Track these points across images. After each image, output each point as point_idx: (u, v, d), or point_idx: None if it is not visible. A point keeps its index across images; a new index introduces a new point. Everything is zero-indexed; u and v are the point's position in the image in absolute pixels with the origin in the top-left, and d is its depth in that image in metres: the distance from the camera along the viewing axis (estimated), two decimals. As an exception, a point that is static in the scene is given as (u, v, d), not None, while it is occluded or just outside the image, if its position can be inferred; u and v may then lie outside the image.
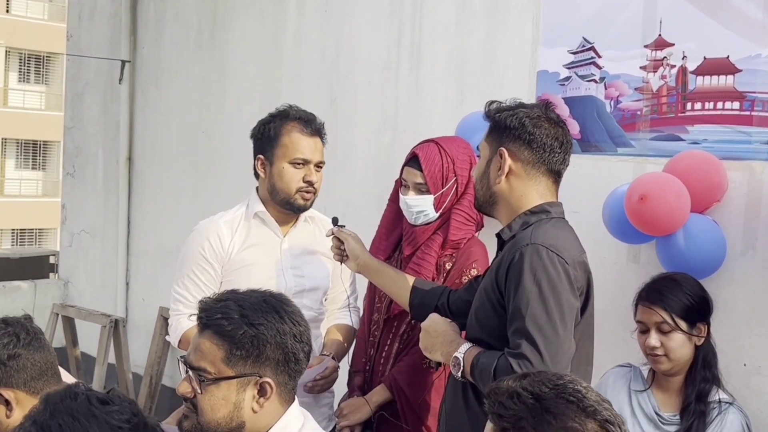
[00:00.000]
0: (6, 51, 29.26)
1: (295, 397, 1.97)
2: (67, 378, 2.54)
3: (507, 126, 2.27)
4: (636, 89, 3.27)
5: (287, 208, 2.90)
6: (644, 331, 2.64)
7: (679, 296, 2.61)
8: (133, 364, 5.40)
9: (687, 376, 2.63)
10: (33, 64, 29.64)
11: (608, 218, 3.05)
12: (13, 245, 27.42)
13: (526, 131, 2.24)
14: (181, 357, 1.92)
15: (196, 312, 1.94)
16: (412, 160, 2.86)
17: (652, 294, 2.63)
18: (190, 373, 1.86)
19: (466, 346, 2.21)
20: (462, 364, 2.18)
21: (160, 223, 5.82)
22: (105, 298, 6.22)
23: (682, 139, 3.12)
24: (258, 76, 5.07)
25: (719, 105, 3.03)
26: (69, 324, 5.51)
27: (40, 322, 5.74)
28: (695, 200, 2.81)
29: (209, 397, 1.84)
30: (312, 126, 2.91)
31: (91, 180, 6.50)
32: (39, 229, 28.62)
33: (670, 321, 2.57)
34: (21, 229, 28.73)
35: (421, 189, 2.82)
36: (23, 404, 2.16)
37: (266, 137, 2.90)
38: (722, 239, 2.83)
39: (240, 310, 1.86)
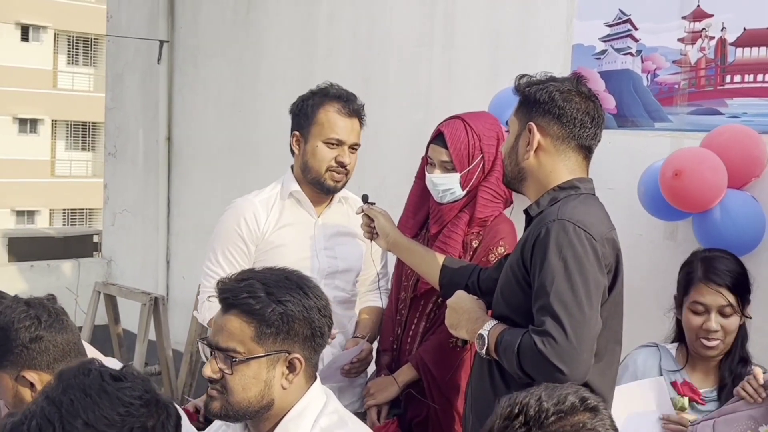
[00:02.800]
0: (55, 34, 29.69)
1: (317, 375, 1.96)
2: (91, 354, 2.57)
3: (536, 100, 2.22)
4: (673, 62, 3.19)
5: (318, 188, 2.88)
6: (700, 312, 2.51)
7: (738, 275, 2.50)
8: (174, 341, 5.46)
9: (725, 356, 2.55)
10: (81, 47, 30.05)
11: (643, 194, 2.99)
12: (64, 225, 27.93)
13: (556, 105, 2.19)
14: (203, 339, 1.91)
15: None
16: (438, 138, 2.82)
17: (717, 274, 2.49)
18: (217, 354, 1.84)
19: (491, 323, 2.18)
20: (486, 342, 2.15)
21: (199, 202, 5.86)
22: (146, 276, 6.30)
23: (720, 113, 3.04)
24: (292, 55, 5.06)
25: (759, 77, 2.94)
26: (111, 302, 5.58)
27: (83, 301, 5.88)
28: (733, 175, 2.73)
29: (240, 377, 1.83)
30: (350, 106, 2.87)
31: (131, 160, 6.57)
32: (89, 209, 29.09)
33: (735, 303, 2.47)
34: (72, 209, 29.27)
35: (447, 167, 2.78)
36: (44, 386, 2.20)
37: (303, 114, 2.88)
38: (761, 215, 2.75)
39: (265, 288, 1.84)
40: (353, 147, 2.88)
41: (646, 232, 3.27)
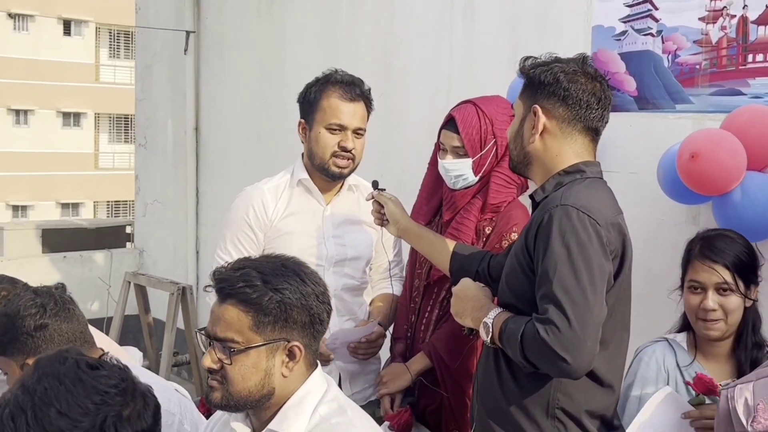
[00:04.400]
0: (96, 28, 30.06)
1: (318, 362, 1.95)
2: (109, 344, 2.58)
3: (541, 82, 2.17)
4: (695, 42, 3.11)
5: (324, 175, 2.87)
6: (698, 291, 2.43)
7: (739, 254, 2.41)
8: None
9: (736, 341, 2.46)
10: (122, 40, 30.40)
11: (663, 178, 2.93)
12: (108, 217, 28.33)
13: (561, 87, 2.14)
14: (200, 330, 1.90)
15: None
16: (449, 123, 2.78)
17: (713, 251, 2.41)
18: (215, 344, 1.83)
19: (495, 311, 2.14)
20: (491, 330, 2.11)
21: (227, 192, 5.87)
22: (177, 266, 6.35)
23: (743, 93, 2.96)
24: (315, 44, 5.05)
25: (782, 56, 2.85)
26: (141, 291, 5.64)
27: (115, 291, 5.94)
28: (753, 157, 2.66)
29: (239, 367, 1.81)
30: (354, 91, 2.84)
31: (161, 151, 6.62)
32: (133, 201, 29.46)
33: (731, 281, 2.37)
34: (116, 201, 29.68)
35: (459, 152, 2.74)
36: None
37: (308, 101, 2.88)
38: (782, 199, 2.67)
39: (262, 276, 1.83)
40: (358, 132, 2.85)
41: (669, 216, 3.21)
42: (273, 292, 1.82)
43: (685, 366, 2.47)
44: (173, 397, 2.40)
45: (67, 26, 29.69)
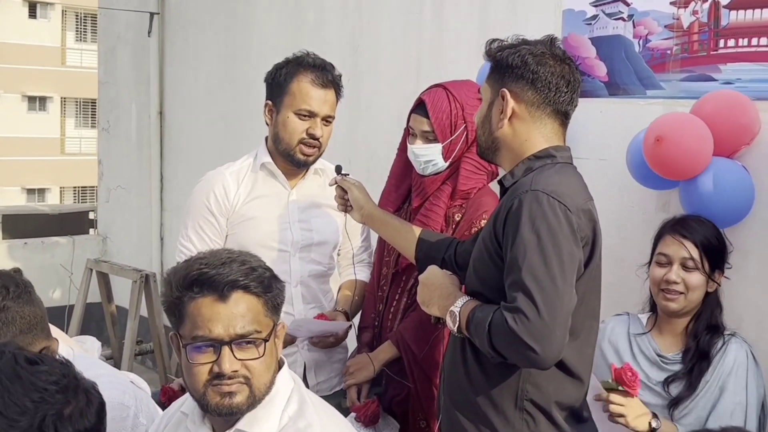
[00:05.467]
0: (62, 10, 29.59)
1: (284, 358, 1.87)
2: (58, 335, 2.50)
3: (509, 65, 2.10)
4: (666, 27, 3.06)
5: (288, 161, 2.79)
6: (663, 264, 2.50)
7: (709, 236, 2.48)
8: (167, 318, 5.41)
9: (691, 323, 2.51)
10: (89, 23, 29.94)
11: (631, 162, 2.90)
12: (75, 202, 28.00)
13: (530, 70, 2.08)
14: (209, 341, 1.69)
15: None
16: (419, 107, 2.71)
17: (685, 227, 2.49)
18: (234, 345, 1.68)
19: (462, 299, 2.08)
20: (458, 319, 2.05)
21: (192, 176, 5.73)
22: (141, 252, 6.23)
23: (714, 79, 2.92)
24: (282, 26, 4.96)
25: (754, 41, 2.81)
26: (103, 279, 5.53)
27: (78, 278, 5.82)
28: (720, 143, 2.62)
29: (265, 357, 1.72)
30: (325, 77, 2.76)
31: (125, 135, 6.49)
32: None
33: (697, 258, 2.44)
34: (82, 187, 29.31)
35: (429, 137, 2.67)
36: None
37: (276, 83, 2.78)
38: (750, 185, 2.64)
39: (249, 261, 1.74)
40: (327, 119, 2.77)
41: (639, 204, 3.17)
42: (267, 271, 1.76)
43: (636, 334, 2.57)
44: (128, 390, 2.32)
45: (32, 9, 29.18)
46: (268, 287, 1.73)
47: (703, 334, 2.46)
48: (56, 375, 1.32)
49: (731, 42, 2.88)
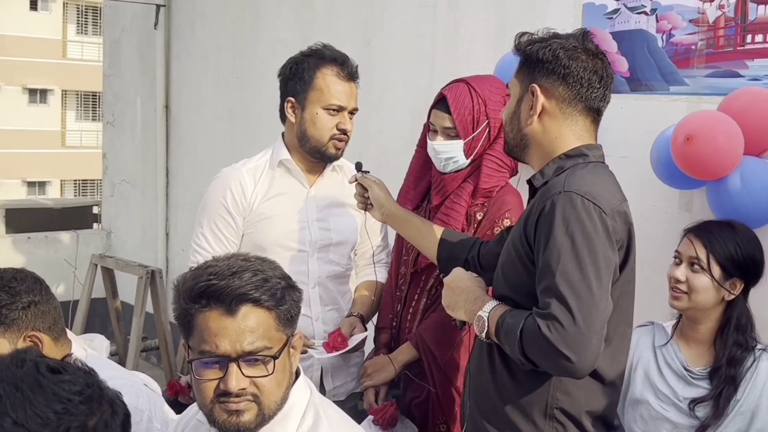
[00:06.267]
0: (63, 3, 29.51)
1: (299, 367, 1.79)
2: (68, 334, 2.44)
3: (539, 59, 2.02)
4: (690, 21, 2.99)
5: (317, 157, 2.71)
6: (677, 262, 2.45)
7: (727, 243, 2.37)
8: (172, 314, 5.34)
9: (717, 334, 2.41)
10: (90, 16, 29.86)
11: (656, 161, 2.81)
12: (75, 196, 27.95)
13: (561, 64, 2.00)
14: (205, 357, 1.61)
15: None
16: (440, 102, 2.63)
17: (700, 229, 2.42)
18: (242, 362, 1.60)
19: (491, 304, 2.00)
20: (487, 325, 1.97)
21: (198, 171, 5.70)
22: (146, 248, 6.16)
23: (740, 75, 2.85)
24: (291, 18, 4.88)
25: (783, 36, 2.74)
26: (108, 275, 5.46)
27: (82, 273, 5.75)
28: (751, 141, 2.55)
29: (276, 374, 1.62)
30: (348, 69, 2.69)
31: (130, 129, 6.41)
32: (100, 180, 29.08)
33: (704, 260, 2.36)
34: (83, 180, 29.25)
35: (450, 134, 2.60)
36: (47, 350, 2.07)
37: (298, 78, 2.69)
38: (781, 185, 2.56)
39: (261, 272, 1.63)
40: (352, 112, 2.72)
41: (660, 202, 3.10)
42: (279, 282, 1.65)
43: (660, 346, 2.49)
44: (142, 393, 2.26)
45: (33, 1, 29.10)
46: (280, 300, 1.63)
47: (731, 348, 2.36)
48: (80, 385, 1.25)
49: (759, 37, 2.81)
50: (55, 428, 1.21)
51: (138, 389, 2.27)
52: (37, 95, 29.59)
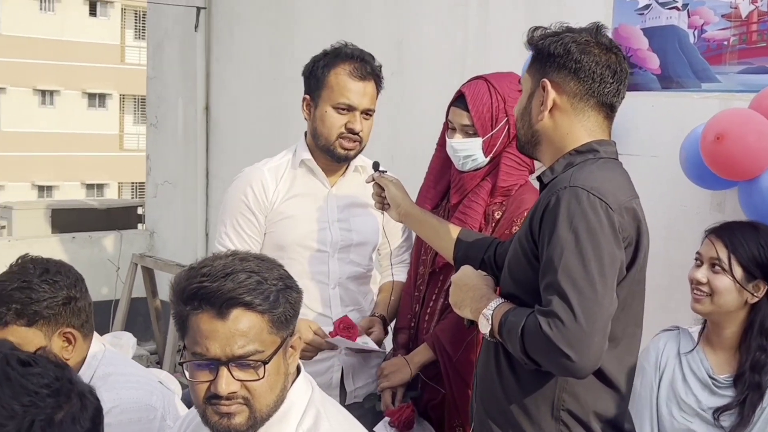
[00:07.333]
0: (122, 9, 30.09)
1: (300, 365, 1.77)
2: None
3: (550, 54, 1.98)
4: (723, 16, 2.90)
5: (328, 156, 2.69)
6: (698, 263, 2.38)
7: (749, 243, 2.30)
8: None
9: (742, 338, 2.33)
10: (148, 22, 30.37)
11: (685, 161, 2.74)
12: (132, 198, 28.44)
13: (572, 59, 1.95)
14: (196, 358, 1.61)
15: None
16: (459, 100, 2.60)
17: (722, 230, 2.35)
18: (231, 365, 1.58)
19: (496, 302, 1.96)
20: (490, 323, 1.93)
21: (237, 172, 5.72)
22: (186, 248, 6.22)
23: (774, 72, 2.76)
24: (325, 19, 4.89)
25: (818, 31, 2.65)
26: (148, 274, 5.52)
27: (124, 273, 5.83)
28: (784, 140, 2.46)
29: (268, 378, 1.60)
30: (364, 68, 2.65)
31: (171, 130, 6.49)
32: (156, 183, 29.47)
33: (725, 261, 2.28)
34: (140, 182, 29.76)
35: (469, 131, 2.56)
36: (77, 347, 2.13)
37: (314, 76, 2.68)
38: (814, 185, 2.47)
39: (255, 273, 1.61)
40: (366, 113, 2.66)
41: (692, 203, 3.03)
42: (274, 285, 1.62)
43: (685, 353, 2.42)
44: (156, 390, 2.27)
45: (92, 7, 29.77)
46: (274, 302, 1.61)
47: (754, 353, 2.29)
48: (49, 378, 1.25)
49: (793, 32, 2.72)
50: (20, 421, 1.21)
51: (152, 387, 2.28)
52: (96, 99, 30.23)
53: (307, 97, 2.71)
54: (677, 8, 3.04)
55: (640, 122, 3.14)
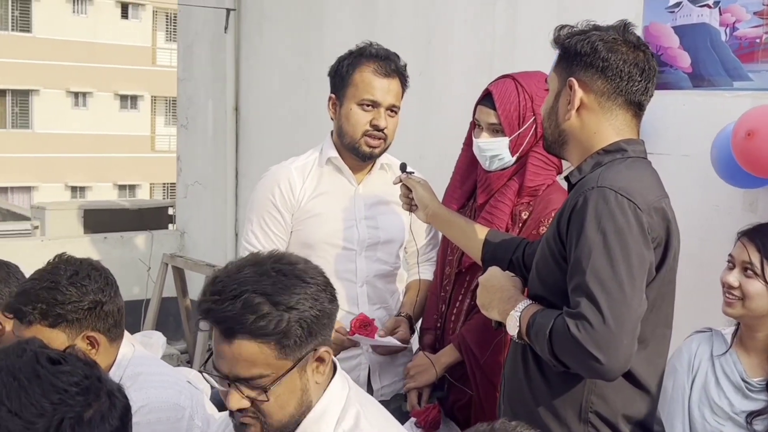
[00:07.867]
0: (153, 11, 30.33)
1: (336, 363, 1.76)
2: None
3: (577, 52, 1.96)
4: (755, 14, 2.86)
5: (354, 154, 2.70)
6: (731, 266, 2.34)
7: None
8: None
9: None
10: (179, 23, 30.57)
11: (716, 159, 2.71)
12: (164, 198, 28.65)
13: (600, 57, 1.93)
14: (215, 372, 1.62)
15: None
16: (486, 98, 2.59)
17: (754, 232, 2.31)
18: (238, 384, 1.59)
19: (524, 303, 1.95)
20: (519, 324, 1.92)
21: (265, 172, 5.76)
22: (216, 248, 6.25)
23: (808, 69, 2.71)
24: (354, 20, 4.90)
25: None
26: (179, 274, 5.56)
27: (155, 273, 5.87)
28: (816, 138, 2.42)
29: (275, 398, 1.60)
30: (388, 66, 2.66)
31: (201, 131, 6.53)
32: (187, 183, 29.67)
33: (758, 265, 2.24)
34: (171, 183, 29.96)
35: (496, 130, 2.55)
36: (102, 350, 2.13)
37: (339, 75, 2.71)
38: None
39: (267, 298, 1.55)
40: (391, 109, 2.67)
41: (724, 202, 2.99)
42: (287, 312, 1.57)
43: (718, 356, 2.37)
44: (184, 390, 2.28)
45: (124, 9, 30.02)
46: (285, 331, 1.56)
47: None
48: (78, 376, 1.25)
49: (827, 29, 2.67)
50: (50, 418, 1.21)
51: (180, 387, 2.29)
52: (128, 101, 30.48)
53: (333, 96, 2.72)
54: (708, 6, 3.00)
55: (671, 121, 3.11)
